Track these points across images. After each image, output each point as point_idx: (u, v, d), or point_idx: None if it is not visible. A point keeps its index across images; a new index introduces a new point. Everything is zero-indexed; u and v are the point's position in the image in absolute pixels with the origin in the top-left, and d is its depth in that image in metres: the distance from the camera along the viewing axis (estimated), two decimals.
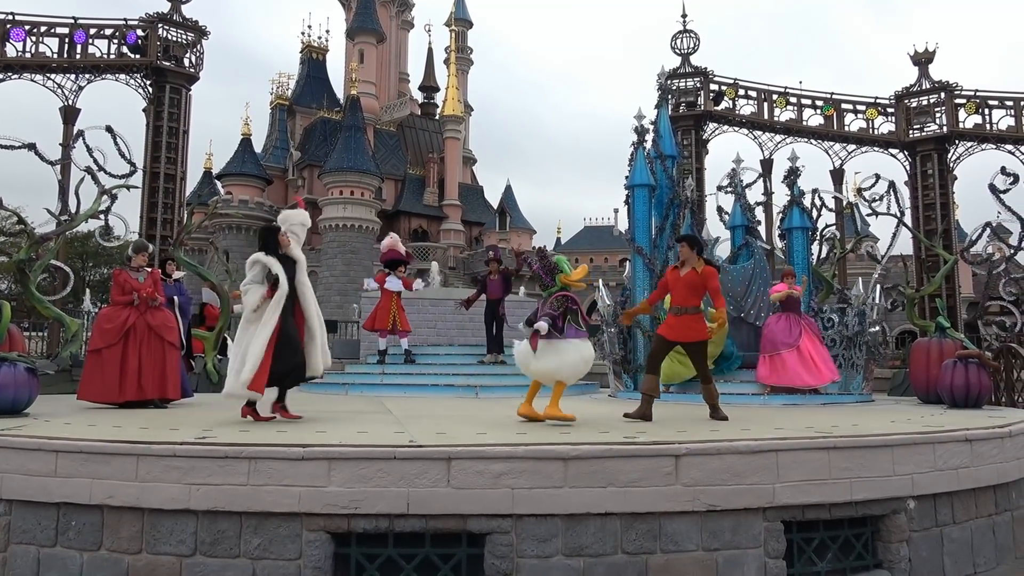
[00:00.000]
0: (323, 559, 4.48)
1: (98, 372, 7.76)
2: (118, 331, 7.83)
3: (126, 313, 7.95)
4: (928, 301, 16.56)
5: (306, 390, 12.50)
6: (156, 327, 8.04)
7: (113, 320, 7.90)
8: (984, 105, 19.37)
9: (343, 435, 5.17)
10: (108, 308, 8.22)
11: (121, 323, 7.87)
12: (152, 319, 8.04)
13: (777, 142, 20.47)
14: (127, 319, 7.91)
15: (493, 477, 4.53)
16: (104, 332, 7.86)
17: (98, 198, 11.55)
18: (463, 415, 7.25)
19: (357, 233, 52.76)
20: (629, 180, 11.50)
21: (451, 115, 61.02)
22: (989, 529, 5.71)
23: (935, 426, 5.98)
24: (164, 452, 4.60)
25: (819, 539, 5.05)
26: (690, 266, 6.93)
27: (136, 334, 7.91)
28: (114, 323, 7.87)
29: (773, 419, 6.90)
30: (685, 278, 6.88)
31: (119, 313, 7.96)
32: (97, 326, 8.05)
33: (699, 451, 4.76)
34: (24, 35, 17.05)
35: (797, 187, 12.44)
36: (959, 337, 10.76)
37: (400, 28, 68.22)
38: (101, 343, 7.83)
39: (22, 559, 4.73)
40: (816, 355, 9.66)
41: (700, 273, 6.82)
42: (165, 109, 17.77)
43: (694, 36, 20.56)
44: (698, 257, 6.94)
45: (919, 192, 19.55)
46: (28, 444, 4.85)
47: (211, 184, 57.20)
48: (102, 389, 7.75)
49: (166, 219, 17.48)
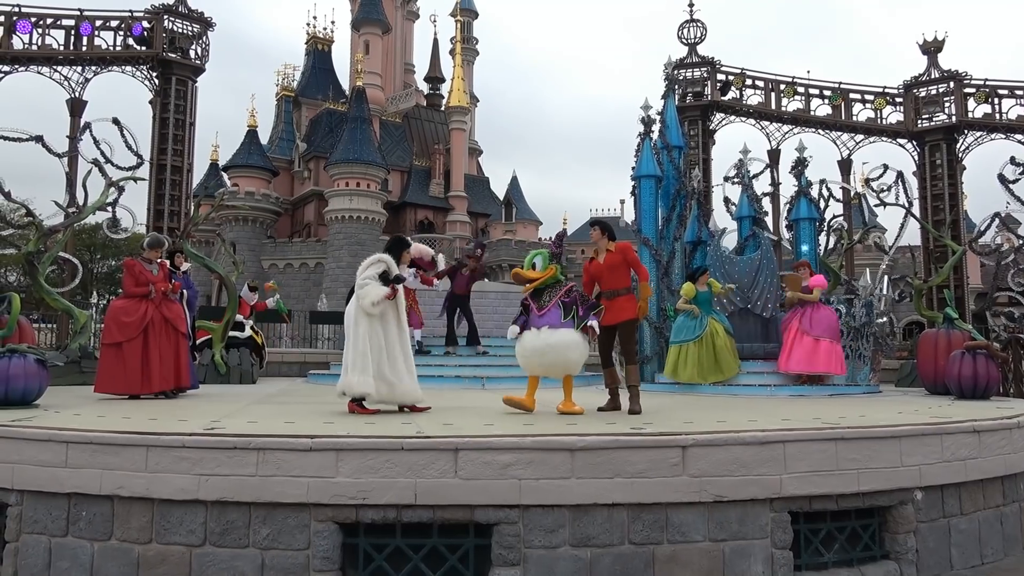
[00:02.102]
0: (331, 549, 4.51)
1: (118, 365, 7.73)
2: (138, 325, 7.83)
3: (144, 306, 7.94)
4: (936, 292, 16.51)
5: (312, 382, 12.57)
6: (171, 319, 8.12)
7: (132, 314, 7.87)
8: (994, 94, 19.22)
9: (350, 426, 5.20)
10: (123, 300, 8.14)
11: (140, 316, 7.86)
12: (167, 311, 8.10)
13: (784, 132, 20.37)
14: (146, 312, 7.91)
15: (500, 468, 4.55)
16: (123, 326, 7.82)
17: (105, 190, 11.59)
18: (470, 406, 7.27)
19: (363, 224, 52.75)
20: (636, 171, 11.48)
21: (457, 106, 60.83)
22: (997, 520, 5.70)
23: (943, 417, 5.97)
24: (173, 443, 4.63)
25: (826, 530, 5.05)
26: (604, 250, 6.82)
27: (154, 327, 7.95)
28: (133, 317, 7.85)
29: (780, 410, 6.90)
30: (608, 262, 6.75)
31: (137, 306, 7.92)
32: (114, 319, 7.94)
33: (706, 442, 4.76)
34: (30, 27, 17.07)
35: (804, 177, 12.41)
36: (967, 328, 10.74)
37: (405, 19, 68.00)
38: (121, 336, 7.79)
39: (34, 549, 4.77)
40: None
41: (617, 250, 6.73)
42: (171, 101, 17.79)
43: (701, 26, 20.44)
44: (609, 239, 6.82)
45: (927, 182, 19.43)
46: (39, 435, 4.88)
47: (217, 176, 57.29)
48: (124, 382, 7.73)
49: (173, 211, 17.52)
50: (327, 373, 12.52)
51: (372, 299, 6.22)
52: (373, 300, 6.22)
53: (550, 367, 6.37)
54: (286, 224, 60.14)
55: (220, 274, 12.67)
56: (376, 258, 6.54)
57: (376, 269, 6.42)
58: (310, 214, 59.18)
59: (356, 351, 6.23)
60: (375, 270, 6.41)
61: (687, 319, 10.01)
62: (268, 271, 52.25)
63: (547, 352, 6.23)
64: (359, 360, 6.19)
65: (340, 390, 6.30)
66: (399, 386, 6.32)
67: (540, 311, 6.36)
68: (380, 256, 6.56)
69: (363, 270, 6.46)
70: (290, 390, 10.41)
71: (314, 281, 52.76)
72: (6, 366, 6.58)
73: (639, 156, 11.43)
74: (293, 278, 52.05)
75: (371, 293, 6.25)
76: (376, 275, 6.38)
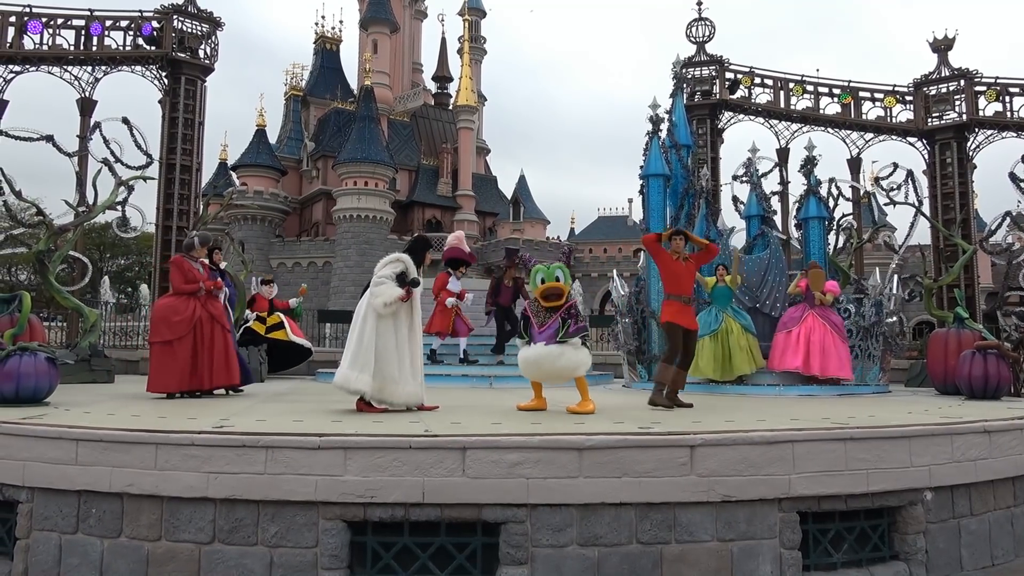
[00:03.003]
0: (340, 547, 4.52)
1: (170, 363, 7.69)
2: (188, 323, 7.82)
3: (192, 305, 7.91)
4: (946, 291, 16.39)
5: (321, 380, 12.59)
6: (217, 317, 8.10)
7: (181, 312, 7.83)
8: (1005, 92, 19.06)
9: (359, 425, 5.20)
10: (170, 298, 8.06)
11: (190, 315, 7.84)
12: (212, 309, 8.08)
13: (793, 131, 20.25)
14: (194, 311, 7.89)
15: (508, 467, 4.54)
16: (173, 324, 7.78)
17: (115, 189, 11.66)
18: (478, 405, 7.28)
19: (371, 224, 52.88)
20: (644, 170, 11.45)
21: (465, 105, 60.85)
22: (1008, 521, 5.67)
23: (953, 417, 5.94)
24: (182, 441, 4.65)
25: (835, 530, 5.03)
26: (684, 257, 7.23)
27: (203, 325, 7.94)
28: (182, 315, 7.82)
29: (789, 410, 6.88)
30: (687, 269, 7.20)
31: (185, 305, 7.89)
32: (163, 318, 7.85)
33: (714, 441, 4.75)
34: (41, 27, 17.14)
35: (814, 176, 12.36)
36: (977, 328, 10.67)
37: (413, 18, 68.08)
38: (171, 335, 7.74)
39: (44, 545, 4.80)
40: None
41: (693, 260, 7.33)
42: (180, 100, 17.83)
43: (709, 24, 20.35)
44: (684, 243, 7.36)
45: (937, 181, 19.28)
46: (49, 433, 4.91)
47: (226, 175, 57.36)
48: (177, 380, 7.71)
49: (182, 210, 17.56)
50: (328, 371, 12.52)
51: (385, 300, 6.08)
52: (386, 301, 6.08)
53: (547, 376, 6.52)
54: (294, 223, 60.36)
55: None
56: (395, 257, 6.37)
57: (394, 268, 6.26)
58: (318, 213, 59.36)
59: (360, 347, 6.13)
60: (392, 269, 6.25)
61: (705, 314, 9.99)
62: (276, 270, 52.45)
63: (541, 362, 6.36)
64: (361, 356, 6.11)
65: (338, 383, 6.23)
66: (401, 388, 6.21)
67: (541, 328, 6.41)
68: (399, 256, 6.37)
69: (381, 267, 6.33)
70: (298, 388, 10.44)
71: (322, 280, 52.96)
72: (17, 364, 6.62)
73: (647, 155, 11.40)
74: (301, 277, 52.20)
75: (385, 293, 6.10)
76: (393, 275, 6.21)
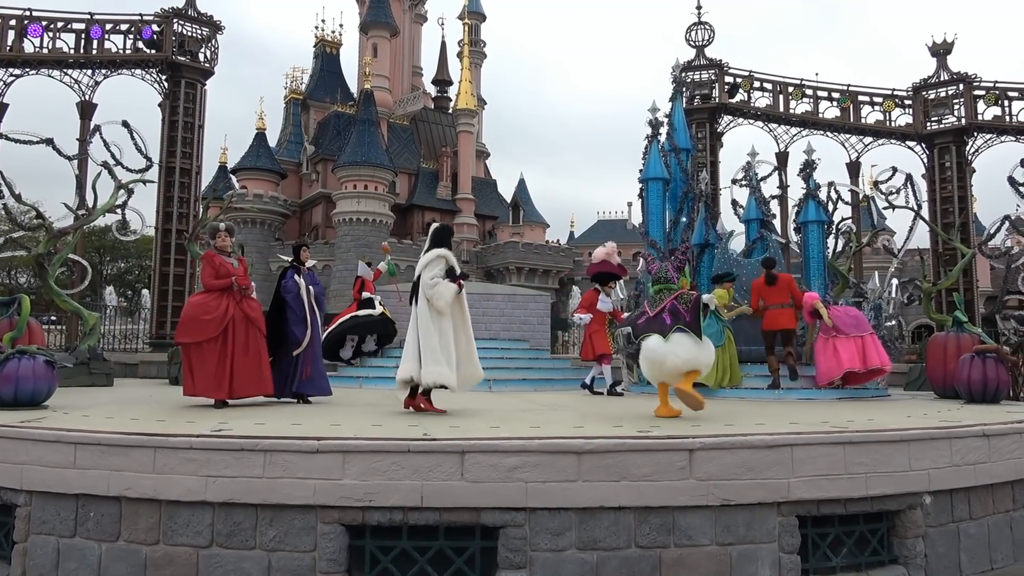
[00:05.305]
0: (338, 551, 4.51)
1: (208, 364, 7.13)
2: (219, 323, 7.19)
3: (224, 303, 7.29)
4: (945, 295, 16.39)
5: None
6: (254, 319, 7.48)
7: (212, 311, 7.22)
8: (1004, 97, 19.08)
9: (358, 428, 5.20)
10: (201, 296, 7.48)
11: (221, 314, 7.23)
12: (249, 310, 7.46)
13: (793, 135, 20.28)
14: (227, 310, 7.27)
15: (507, 470, 4.54)
16: (202, 324, 7.16)
17: (115, 192, 11.67)
18: (476, 408, 7.27)
19: (371, 227, 52.83)
20: (643, 174, 11.45)
21: (464, 109, 60.88)
22: (1007, 525, 5.66)
23: (952, 421, 5.94)
24: (181, 444, 4.64)
25: (834, 534, 5.02)
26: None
27: (235, 326, 7.29)
28: (213, 314, 7.20)
29: (788, 414, 6.88)
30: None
31: (217, 303, 7.28)
32: (192, 317, 7.26)
33: (713, 445, 4.74)
34: (41, 31, 17.15)
35: (813, 180, 12.36)
36: (976, 331, 10.67)
37: (413, 21, 68.15)
38: (201, 336, 7.16)
39: (42, 549, 4.79)
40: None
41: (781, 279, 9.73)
42: (180, 104, 17.84)
43: (708, 28, 20.39)
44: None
45: (936, 185, 19.29)
46: (47, 436, 4.90)
47: (226, 178, 57.49)
48: (204, 385, 7.15)
49: (182, 213, 17.55)
50: (334, 375, 12.53)
51: (447, 299, 6.43)
52: (448, 300, 6.43)
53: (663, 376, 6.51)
54: (294, 226, 60.30)
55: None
56: (436, 255, 6.59)
57: (440, 266, 6.52)
58: (318, 216, 59.32)
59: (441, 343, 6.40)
60: (439, 268, 6.51)
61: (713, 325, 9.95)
62: (275, 273, 52.36)
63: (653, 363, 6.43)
64: (440, 352, 6.38)
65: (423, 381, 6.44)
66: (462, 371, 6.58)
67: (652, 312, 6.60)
68: (439, 252, 6.60)
69: (427, 269, 6.53)
70: None
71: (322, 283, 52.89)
72: (15, 367, 6.62)
73: (647, 159, 11.41)
74: None
75: (445, 294, 6.43)
76: (443, 273, 6.49)
